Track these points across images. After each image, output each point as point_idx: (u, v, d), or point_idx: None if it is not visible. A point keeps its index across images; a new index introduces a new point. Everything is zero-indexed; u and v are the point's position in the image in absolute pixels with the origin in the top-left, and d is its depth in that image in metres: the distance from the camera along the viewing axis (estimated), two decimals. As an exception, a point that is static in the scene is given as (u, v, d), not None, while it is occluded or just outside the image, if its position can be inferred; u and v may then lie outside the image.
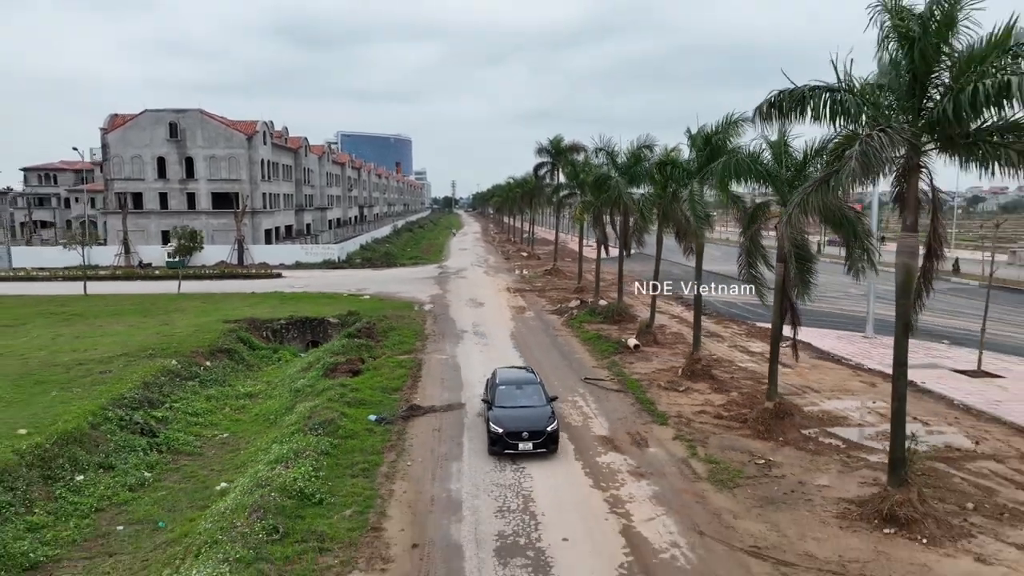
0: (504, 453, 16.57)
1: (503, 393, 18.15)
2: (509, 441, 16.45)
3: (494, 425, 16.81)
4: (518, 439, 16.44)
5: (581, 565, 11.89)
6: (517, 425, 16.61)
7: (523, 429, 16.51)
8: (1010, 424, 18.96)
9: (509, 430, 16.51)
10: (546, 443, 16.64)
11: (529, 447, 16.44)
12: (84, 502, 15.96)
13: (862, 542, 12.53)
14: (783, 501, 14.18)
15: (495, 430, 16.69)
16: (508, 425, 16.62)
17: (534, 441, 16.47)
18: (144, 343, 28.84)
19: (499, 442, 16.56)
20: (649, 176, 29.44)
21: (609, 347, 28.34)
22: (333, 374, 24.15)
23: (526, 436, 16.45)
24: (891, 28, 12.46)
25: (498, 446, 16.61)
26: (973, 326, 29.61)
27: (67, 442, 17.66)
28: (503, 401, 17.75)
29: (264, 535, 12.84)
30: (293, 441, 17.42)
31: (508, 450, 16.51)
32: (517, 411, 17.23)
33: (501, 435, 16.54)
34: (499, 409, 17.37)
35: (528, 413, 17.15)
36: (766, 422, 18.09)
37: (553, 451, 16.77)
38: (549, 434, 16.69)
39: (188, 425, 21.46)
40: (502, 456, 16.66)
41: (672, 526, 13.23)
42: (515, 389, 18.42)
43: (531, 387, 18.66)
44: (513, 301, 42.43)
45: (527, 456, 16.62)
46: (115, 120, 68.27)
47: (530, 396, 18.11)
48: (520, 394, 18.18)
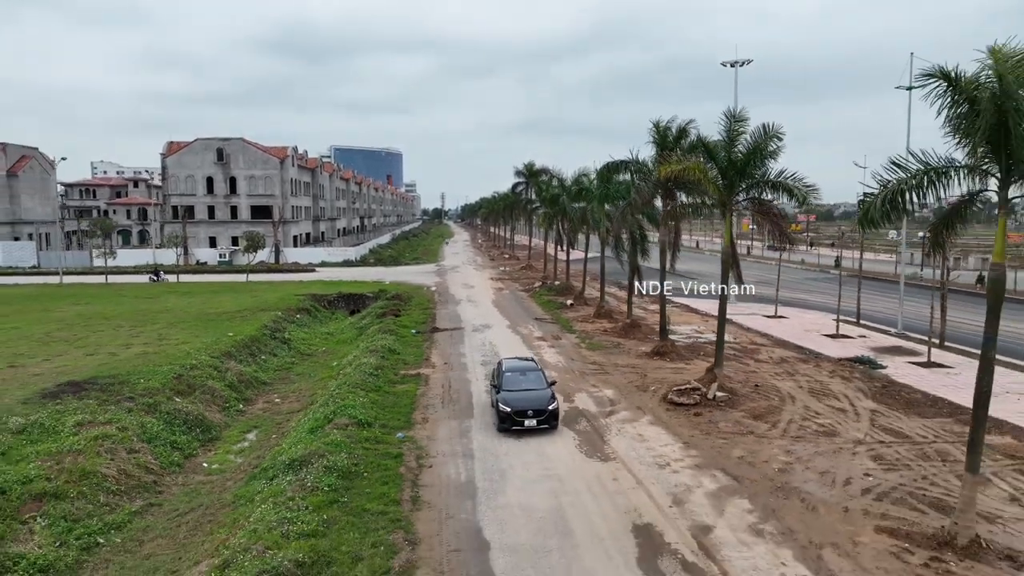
0: (512, 429, 19.09)
1: (509, 378, 20.62)
2: (516, 419, 19.00)
3: (503, 406, 19.25)
4: (524, 416, 19.00)
5: (517, 367, 27.80)
6: (523, 405, 19.16)
7: (528, 408, 19.10)
8: (762, 333, 34.89)
9: (516, 410, 19.05)
10: (548, 420, 19.22)
11: (534, 423, 18.99)
12: (271, 362, 31.56)
13: (644, 361, 28.36)
14: (615, 351, 30.11)
15: (504, 410, 19.15)
16: (515, 405, 19.15)
17: (538, 418, 19.04)
18: (252, 305, 44.25)
19: (507, 420, 19.09)
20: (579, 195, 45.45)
21: (554, 305, 44.40)
22: (384, 317, 39.87)
23: (531, 414, 19.02)
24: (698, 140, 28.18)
25: (506, 423, 19.11)
26: (808, 296, 45.74)
27: (252, 341, 33.21)
28: (509, 385, 20.22)
29: (371, 368, 28.25)
30: (375, 339, 33.06)
31: (515, 426, 19.03)
32: (522, 393, 19.76)
33: (509, 414, 19.06)
34: (506, 392, 19.86)
35: (532, 395, 19.71)
36: (626, 328, 34.06)
37: (555, 427, 19.48)
38: (551, 412, 19.29)
39: (301, 342, 37.05)
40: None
41: (560, 356, 29.18)
42: (519, 375, 20.89)
43: (533, 373, 21.21)
44: (495, 285, 58.31)
45: (495, 336, 32.31)
46: (171, 146, 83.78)
47: (532, 381, 20.66)
48: (524, 379, 20.65)
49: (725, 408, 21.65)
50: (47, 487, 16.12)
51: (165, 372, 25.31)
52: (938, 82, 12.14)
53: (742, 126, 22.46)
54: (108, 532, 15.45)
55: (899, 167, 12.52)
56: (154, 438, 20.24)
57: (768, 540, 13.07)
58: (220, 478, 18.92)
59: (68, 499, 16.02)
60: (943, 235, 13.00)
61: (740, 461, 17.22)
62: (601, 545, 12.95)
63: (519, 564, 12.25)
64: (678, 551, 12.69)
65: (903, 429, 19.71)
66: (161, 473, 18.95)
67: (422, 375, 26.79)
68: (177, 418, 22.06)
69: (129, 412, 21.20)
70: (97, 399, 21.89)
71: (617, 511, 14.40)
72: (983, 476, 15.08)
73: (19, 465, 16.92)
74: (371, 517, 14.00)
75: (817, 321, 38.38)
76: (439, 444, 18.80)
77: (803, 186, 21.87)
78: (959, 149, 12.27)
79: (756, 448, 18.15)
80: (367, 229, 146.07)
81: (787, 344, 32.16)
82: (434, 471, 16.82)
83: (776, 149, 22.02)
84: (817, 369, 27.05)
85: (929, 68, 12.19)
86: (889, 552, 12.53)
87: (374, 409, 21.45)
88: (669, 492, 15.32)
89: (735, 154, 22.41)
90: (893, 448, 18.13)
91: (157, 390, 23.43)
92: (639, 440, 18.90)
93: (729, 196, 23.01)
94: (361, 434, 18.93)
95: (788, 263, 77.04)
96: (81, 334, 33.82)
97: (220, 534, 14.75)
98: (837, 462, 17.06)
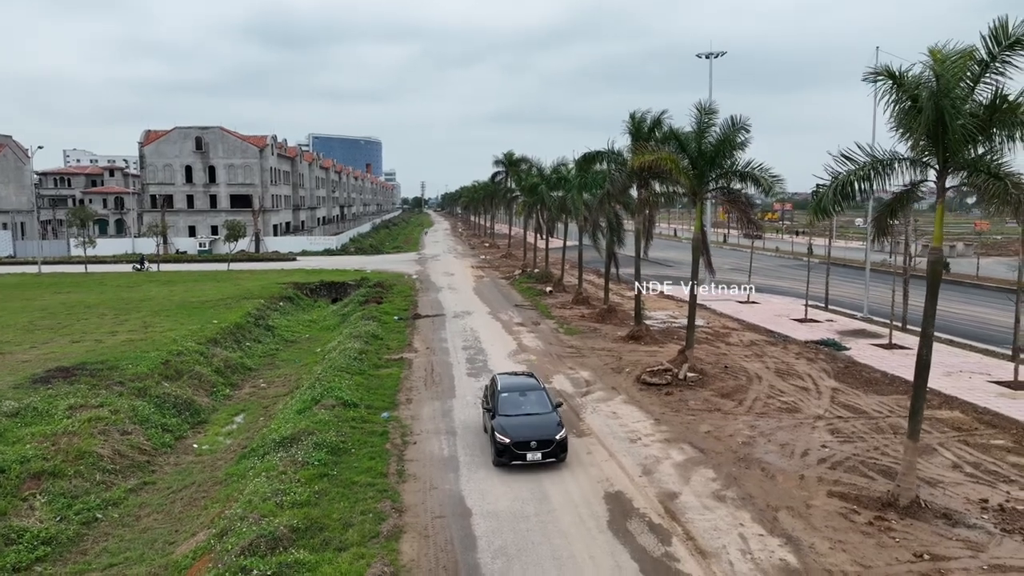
0: (512, 464, 15.79)
1: (506, 400, 17.16)
2: (516, 451, 15.65)
3: (500, 436, 15.85)
4: (526, 449, 15.65)
5: (496, 348, 28.64)
6: (525, 434, 15.80)
7: (531, 438, 15.73)
8: (734, 318, 36.14)
9: (516, 440, 15.70)
10: (555, 452, 15.82)
11: (538, 457, 15.60)
12: (256, 349, 32.19)
13: (619, 345, 29.42)
14: (592, 335, 31.14)
15: (501, 440, 15.77)
16: (515, 435, 15.79)
17: (543, 450, 15.68)
18: (234, 293, 44.64)
19: (506, 452, 15.70)
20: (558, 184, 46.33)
21: (534, 292, 45.32)
22: (366, 304, 40.55)
23: (534, 445, 15.68)
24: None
25: (504, 457, 15.73)
26: (780, 283, 47.07)
27: (236, 328, 33.76)
28: (507, 409, 16.80)
29: (355, 353, 29.01)
30: (358, 325, 33.78)
31: (516, 461, 15.69)
32: (523, 419, 16.36)
33: (508, 445, 15.68)
34: (503, 417, 16.44)
35: (535, 421, 16.35)
36: (603, 314, 35.10)
37: (563, 459, 16.02)
38: (558, 442, 15.91)
39: (285, 329, 37.64)
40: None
41: (538, 341, 30.14)
42: (519, 396, 17.42)
43: (535, 393, 17.67)
44: (475, 273, 59.10)
45: (476, 322, 33.23)
46: (149, 135, 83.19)
47: (535, 403, 17.19)
48: (524, 401, 17.23)
49: (695, 387, 22.75)
50: (45, 466, 16.77)
51: (153, 358, 25.86)
52: (885, 80, 13.14)
53: (712, 118, 23.47)
54: (106, 508, 16.16)
55: (848, 159, 13.55)
56: (145, 420, 20.90)
57: (729, 504, 14.14)
58: (211, 458, 19.66)
59: (66, 477, 16.68)
60: (887, 222, 14.07)
61: (707, 435, 18.30)
62: (575, 511, 13.93)
63: (499, 527, 13.20)
64: (646, 515, 13.72)
65: (861, 405, 20.93)
66: (153, 453, 19.65)
67: (405, 359, 27.59)
68: (167, 402, 22.72)
69: (120, 396, 21.83)
70: (88, 384, 22.47)
71: (591, 481, 15.39)
72: (924, 443, 16.29)
73: (16, 446, 17.52)
74: (360, 488, 14.86)
75: (788, 306, 39.71)
76: (423, 423, 19.67)
77: (769, 176, 22.96)
78: (903, 143, 13.30)
79: (722, 423, 19.26)
80: (347, 218, 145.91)
81: (757, 328, 33.40)
82: (419, 447, 17.70)
83: (744, 140, 23.06)
84: (784, 351, 28.28)
85: (876, 67, 13.20)
86: (838, 513, 13.65)
87: (359, 391, 22.26)
88: (639, 464, 16.35)
89: (705, 145, 23.41)
90: (850, 423, 19.33)
91: (146, 375, 24.03)
92: (613, 417, 19.92)
93: (700, 185, 24.03)
94: (348, 414, 19.75)
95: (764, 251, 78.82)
96: (65, 322, 34.14)
97: (215, 508, 15.54)
98: (797, 435, 18.21)
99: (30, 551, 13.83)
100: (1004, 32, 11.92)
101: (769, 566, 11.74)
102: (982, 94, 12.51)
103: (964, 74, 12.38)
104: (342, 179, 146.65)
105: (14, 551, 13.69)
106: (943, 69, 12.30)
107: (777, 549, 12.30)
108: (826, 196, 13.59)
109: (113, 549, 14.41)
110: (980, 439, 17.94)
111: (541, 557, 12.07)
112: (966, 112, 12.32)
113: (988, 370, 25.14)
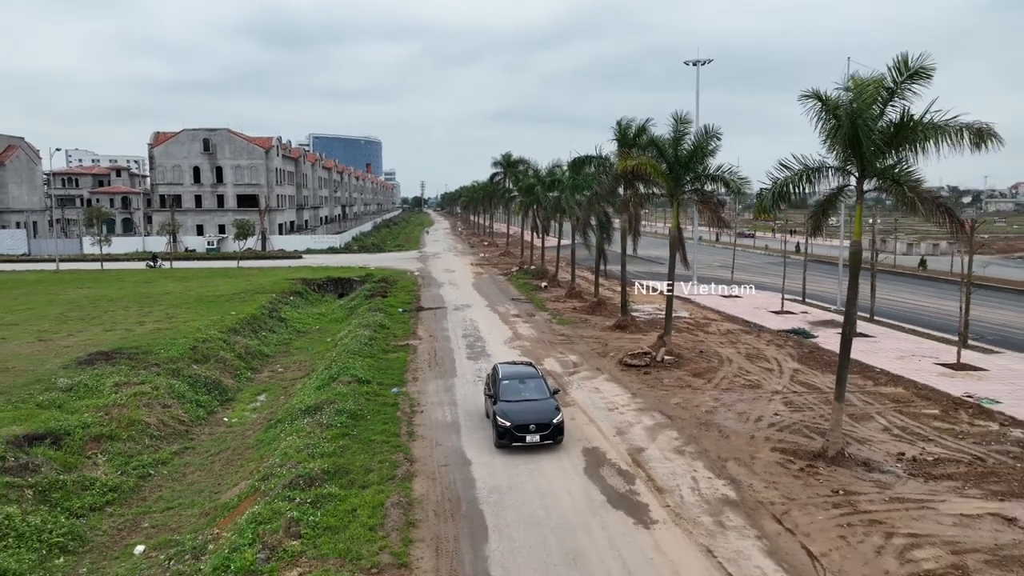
0: (512, 446, 17.05)
1: (507, 387, 18.60)
2: (517, 434, 16.96)
3: (501, 419, 17.17)
4: (525, 432, 16.99)
5: (493, 336, 31.34)
6: (524, 418, 17.14)
7: (530, 422, 17.08)
8: (715, 310, 38.84)
9: (516, 424, 17.01)
10: (552, 435, 17.19)
11: (536, 439, 16.96)
12: (272, 338, 34.89)
13: (606, 334, 32.11)
14: (583, 325, 33.85)
15: (502, 424, 17.09)
16: (515, 419, 17.11)
17: (541, 433, 17.03)
18: (247, 288, 47.30)
19: (506, 435, 17.07)
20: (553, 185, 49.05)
21: (530, 287, 48.06)
22: (372, 298, 43.26)
23: (533, 429, 17.01)
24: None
25: (505, 439, 17.07)
26: (764, 278, 49.78)
27: (253, 319, 36.45)
28: (508, 395, 18.25)
29: (365, 339, 31.68)
30: (366, 316, 36.47)
31: (516, 443, 16.96)
32: (523, 404, 17.76)
33: (509, 428, 17.03)
34: (504, 403, 17.88)
35: (534, 406, 17.74)
36: (593, 306, 37.81)
37: (559, 442, 17.42)
38: (555, 425, 17.25)
39: (296, 321, 40.34)
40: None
41: (532, 330, 32.84)
42: (519, 383, 18.80)
43: (534, 381, 19.10)
44: (475, 270, 61.81)
45: (475, 314, 35.89)
46: (159, 137, 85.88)
47: (534, 389, 18.63)
48: (524, 388, 18.62)
49: (671, 368, 25.46)
50: (103, 431, 19.47)
51: (181, 344, 28.55)
52: (814, 101, 15.84)
53: (686, 127, 26.17)
54: (156, 466, 18.87)
55: (785, 167, 16.24)
56: (181, 396, 23.61)
57: (686, 456, 16.86)
58: (241, 429, 22.35)
59: (120, 440, 19.39)
60: (820, 219, 16.76)
61: (676, 406, 21.01)
62: (557, 461, 16.64)
63: (494, 473, 15.91)
64: (616, 464, 16.43)
65: (816, 383, 23.64)
66: (191, 424, 22.37)
67: (411, 345, 30.28)
68: (198, 381, 25.42)
69: (157, 375, 24.52)
70: (127, 365, 25.18)
71: (572, 439, 18.09)
72: (863, 412, 18.99)
73: (75, 415, 20.20)
74: (377, 445, 17.58)
75: (768, 300, 42.43)
76: (428, 396, 22.39)
77: (737, 179, 25.67)
78: (830, 153, 16.00)
79: (691, 397, 21.97)
80: (348, 217, 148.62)
81: (736, 319, 36.12)
82: (425, 414, 20.43)
83: (715, 148, 25.75)
84: (757, 339, 30.99)
85: (806, 90, 15.90)
86: (777, 463, 16.36)
87: (371, 371, 24.97)
88: (614, 427, 19.07)
89: (681, 151, 26.11)
90: (803, 396, 22.04)
91: (177, 358, 26.72)
92: (595, 392, 22.64)
93: (676, 187, 26.71)
94: (362, 389, 22.46)
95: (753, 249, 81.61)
96: (94, 313, 36.83)
97: (251, 465, 18.24)
98: (754, 406, 20.92)
99: (101, 495, 16.53)
100: (905, 65, 14.60)
101: (712, 498, 14.45)
102: (891, 114, 15.19)
103: (876, 98, 15.06)
104: (344, 179, 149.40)
105: (89, 495, 16.39)
106: (858, 93, 14.99)
107: (721, 487, 15.01)
108: (767, 198, 16.28)
109: (167, 497, 17.12)
110: (914, 409, 20.65)
111: (528, 492, 14.80)
112: (877, 129, 15.00)
113: (938, 355, 27.87)
